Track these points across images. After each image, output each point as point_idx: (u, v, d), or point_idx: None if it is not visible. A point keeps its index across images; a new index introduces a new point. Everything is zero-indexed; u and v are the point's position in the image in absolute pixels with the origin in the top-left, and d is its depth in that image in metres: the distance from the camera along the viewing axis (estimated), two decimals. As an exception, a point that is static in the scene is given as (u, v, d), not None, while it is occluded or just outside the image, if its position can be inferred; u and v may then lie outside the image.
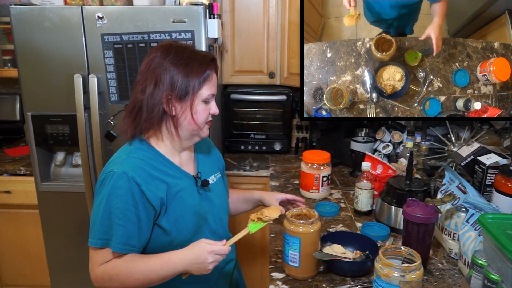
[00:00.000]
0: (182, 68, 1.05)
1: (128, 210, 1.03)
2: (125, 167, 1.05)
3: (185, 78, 1.05)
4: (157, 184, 1.07)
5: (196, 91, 1.07)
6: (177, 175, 1.13)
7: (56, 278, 2.20)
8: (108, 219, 1.04)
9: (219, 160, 1.36)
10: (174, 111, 1.08)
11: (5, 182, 2.20)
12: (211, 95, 1.11)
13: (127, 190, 1.03)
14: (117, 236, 1.03)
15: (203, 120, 1.12)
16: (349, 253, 1.30)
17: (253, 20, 2.32)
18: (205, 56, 1.10)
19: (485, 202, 1.22)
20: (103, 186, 1.06)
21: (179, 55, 1.07)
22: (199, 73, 1.07)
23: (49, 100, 1.93)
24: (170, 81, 1.05)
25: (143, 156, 1.09)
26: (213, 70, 1.11)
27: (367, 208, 1.61)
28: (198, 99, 1.08)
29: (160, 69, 1.06)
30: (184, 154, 1.19)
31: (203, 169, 1.23)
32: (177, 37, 1.83)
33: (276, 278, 1.22)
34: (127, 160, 1.07)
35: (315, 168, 1.74)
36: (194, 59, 1.07)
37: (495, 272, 0.92)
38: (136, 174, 1.04)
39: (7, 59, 2.52)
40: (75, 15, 1.82)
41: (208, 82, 1.09)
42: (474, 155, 1.59)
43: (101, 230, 1.04)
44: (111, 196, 1.03)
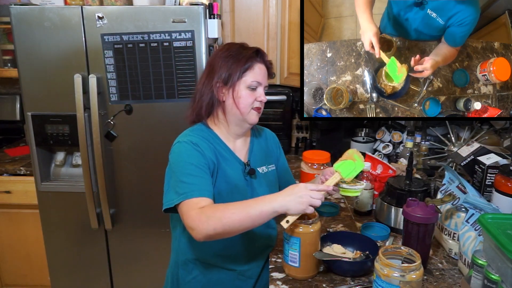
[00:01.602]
0: (229, 59, 1.21)
1: (200, 163, 1.14)
2: (188, 138, 1.19)
3: (230, 66, 1.20)
4: (211, 151, 1.21)
5: (239, 78, 1.20)
6: (228, 157, 1.25)
7: (56, 278, 2.20)
8: (184, 175, 1.12)
9: (275, 154, 1.44)
10: (223, 97, 1.22)
11: (5, 182, 2.20)
12: (255, 82, 1.22)
13: (193, 150, 1.16)
14: (197, 185, 1.11)
15: (246, 103, 1.22)
16: (349, 253, 1.29)
17: (253, 20, 2.32)
18: (251, 49, 1.24)
19: (485, 202, 1.22)
20: (172, 155, 1.19)
21: (230, 49, 1.23)
22: (241, 61, 1.20)
23: (49, 100, 1.93)
24: (219, 70, 1.21)
25: (203, 134, 1.24)
26: (259, 62, 1.23)
27: (367, 208, 1.61)
28: (242, 84, 1.21)
29: (214, 62, 1.24)
30: (238, 141, 1.31)
31: (254, 159, 1.32)
32: (177, 37, 1.84)
33: (276, 278, 1.22)
34: (189, 135, 1.22)
35: (315, 168, 1.74)
36: (240, 51, 1.22)
37: (495, 272, 0.92)
38: (198, 141, 1.19)
39: (7, 59, 2.52)
40: (75, 15, 1.82)
41: (251, 70, 1.21)
42: (474, 155, 1.59)
43: (180, 186, 1.11)
44: (182, 157, 1.15)
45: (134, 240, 2.12)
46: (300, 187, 1.07)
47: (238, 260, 1.28)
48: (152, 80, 1.89)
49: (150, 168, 2.00)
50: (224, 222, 1.03)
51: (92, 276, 2.19)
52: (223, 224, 1.03)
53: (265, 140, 1.42)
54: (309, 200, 1.05)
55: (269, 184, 1.34)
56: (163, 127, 1.95)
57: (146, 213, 2.06)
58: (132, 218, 2.09)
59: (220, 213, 1.04)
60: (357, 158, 1.23)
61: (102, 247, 2.13)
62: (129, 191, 2.06)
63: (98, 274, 2.18)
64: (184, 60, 1.87)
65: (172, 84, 1.89)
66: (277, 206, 1.04)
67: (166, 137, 1.84)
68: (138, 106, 1.93)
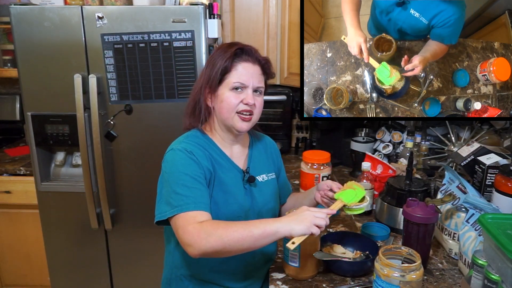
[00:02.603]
0: (213, 61, 1.15)
1: (195, 173, 1.09)
2: (183, 146, 1.14)
3: (211, 69, 1.14)
4: (207, 159, 1.15)
5: (221, 80, 1.14)
6: (225, 165, 1.20)
7: (56, 278, 2.20)
8: (178, 185, 1.07)
9: (275, 163, 1.37)
10: (210, 102, 1.18)
11: (5, 182, 2.20)
12: (238, 83, 1.14)
13: (188, 159, 1.11)
14: (192, 197, 1.06)
15: (229, 108, 1.14)
16: (349, 253, 1.29)
17: (253, 20, 2.32)
18: (234, 47, 1.16)
19: (485, 202, 1.22)
20: (165, 163, 1.14)
21: (218, 51, 1.16)
22: (221, 62, 1.13)
23: (49, 100, 1.93)
24: (205, 74, 1.16)
25: (198, 141, 1.18)
26: (245, 61, 1.15)
27: (367, 208, 1.61)
28: (224, 87, 1.15)
29: (204, 66, 1.19)
30: (236, 147, 1.25)
31: (253, 166, 1.26)
32: (177, 37, 1.84)
33: (276, 278, 1.22)
34: (183, 142, 1.17)
35: (315, 168, 1.74)
36: (224, 51, 1.15)
37: (495, 272, 0.92)
38: (192, 149, 1.13)
39: (7, 59, 2.52)
40: (75, 15, 1.82)
41: (233, 70, 1.14)
42: (474, 155, 1.59)
43: (174, 198, 1.06)
44: (176, 167, 1.10)
45: (134, 240, 2.12)
46: (303, 209, 1.05)
47: (235, 277, 1.23)
48: (152, 80, 1.89)
49: (150, 168, 2.00)
50: (225, 240, 0.97)
51: (92, 276, 2.19)
52: (223, 242, 0.98)
53: (264, 147, 1.36)
54: (313, 219, 1.00)
55: (269, 193, 1.29)
56: (163, 127, 1.95)
57: (146, 213, 2.06)
58: (132, 218, 2.09)
59: (222, 231, 0.99)
60: (357, 187, 1.21)
61: (102, 247, 2.13)
62: (129, 191, 2.06)
63: (98, 274, 2.18)
64: (184, 60, 1.87)
65: (172, 84, 1.89)
66: (280, 226, 1.00)
67: (166, 137, 1.84)
68: (138, 106, 1.93)
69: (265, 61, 1.19)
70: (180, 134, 1.24)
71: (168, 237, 1.27)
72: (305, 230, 1.00)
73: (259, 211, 1.24)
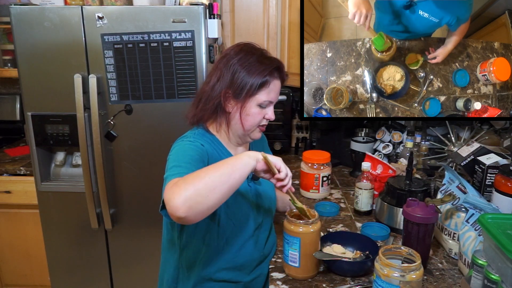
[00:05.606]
0: (245, 69, 1.10)
1: (201, 157, 1.07)
2: (192, 139, 1.13)
3: (244, 78, 1.10)
4: (216, 154, 1.15)
5: (252, 94, 1.11)
6: None
7: (56, 278, 2.20)
8: (182, 162, 1.03)
9: None
10: (229, 108, 1.14)
11: (5, 182, 2.20)
12: (267, 102, 1.14)
13: (197, 147, 1.09)
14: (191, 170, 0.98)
15: (254, 123, 1.15)
16: (349, 253, 1.30)
17: (253, 20, 2.32)
18: (271, 63, 1.13)
19: (485, 202, 1.22)
20: (172, 151, 1.11)
21: (247, 56, 1.12)
22: (258, 77, 1.10)
23: (49, 100, 1.93)
24: (230, 78, 1.10)
25: (205, 139, 1.16)
26: (276, 78, 1.14)
27: (367, 208, 1.61)
28: (253, 102, 1.12)
29: (226, 66, 1.12)
30: (240, 148, 1.26)
31: None
32: (177, 37, 1.83)
33: (276, 278, 1.22)
34: (192, 137, 1.15)
35: (315, 168, 1.74)
36: (259, 62, 1.11)
37: (495, 272, 0.92)
38: (202, 142, 1.12)
39: (7, 59, 2.52)
40: (75, 15, 1.82)
41: (266, 88, 1.12)
42: (474, 155, 1.59)
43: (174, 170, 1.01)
44: (184, 149, 1.08)
45: (134, 240, 2.12)
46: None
47: (244, 269, 1.23)
48: (152, 80, 1.89)
49: (150, 168, 2.00)
50: (196, 183, 0.88)
51: (92, 276, 2.19)
52: (195, 186, 0.88)
53: (261, 144, 1.39)
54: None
55: (272, 189, 1.31)
56: (163, 127, 1.95)
57: (146, 213, 2.06)
58: (132, 218, 2.09)
59: (194, 177, 0.90)
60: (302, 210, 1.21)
61: (102, 247, 2.13)
62: (129, 191, 2.06)
63: (98, 274, 2.18)
64: (184, 60, 1.87)
65: (172, 84, 1.89)
66: (247, 158, 0.98)
67: (166, 137, 1.85)
68: (138, 106, 1.93)
69: (286, 76, 1.20)
70: (180, 134, 1.23)
71: (173, 237, 1.24)
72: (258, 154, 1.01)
73: (264, 207, 1.26)
